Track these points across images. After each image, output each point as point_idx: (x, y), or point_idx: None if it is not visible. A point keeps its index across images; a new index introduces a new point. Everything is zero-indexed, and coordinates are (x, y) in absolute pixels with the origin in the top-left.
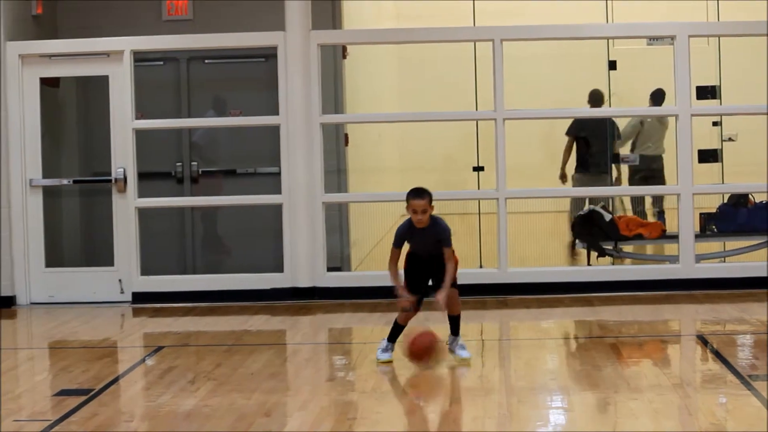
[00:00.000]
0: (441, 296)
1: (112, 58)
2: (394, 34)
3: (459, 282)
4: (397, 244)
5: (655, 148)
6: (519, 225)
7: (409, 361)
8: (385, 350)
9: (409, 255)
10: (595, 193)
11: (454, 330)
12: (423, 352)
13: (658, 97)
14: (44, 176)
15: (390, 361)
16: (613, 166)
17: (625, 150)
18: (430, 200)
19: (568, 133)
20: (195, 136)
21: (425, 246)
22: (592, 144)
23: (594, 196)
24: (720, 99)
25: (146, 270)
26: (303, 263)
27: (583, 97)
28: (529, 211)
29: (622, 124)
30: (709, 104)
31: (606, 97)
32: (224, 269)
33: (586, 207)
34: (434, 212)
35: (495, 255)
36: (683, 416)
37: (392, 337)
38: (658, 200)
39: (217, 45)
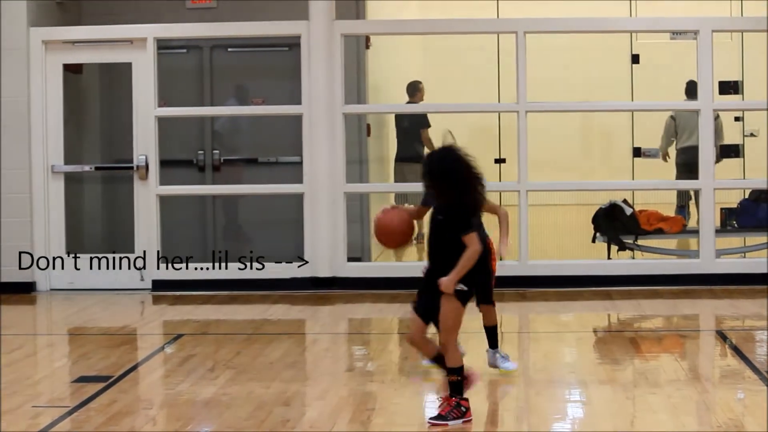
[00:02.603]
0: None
1: (136, 45)
2: (418, 25)
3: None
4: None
5: (691, 139)
6: (540, 217)
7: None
8: None
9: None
10: (616, 186)
11: (492, 343)
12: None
13: (692, 89)
14: (66, 162)
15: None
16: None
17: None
18: None
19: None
20: (217, 125)
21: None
22: (409, 135)
23: (613, 190)
24: (742, 94)
25: (167, 257)
26: (323, 253)
27: (606, 90)
28: (551, 204)
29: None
30: (731, 99)
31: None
32: (245, 258)
33: (608, 201)
34: None
35: (515, 247)
36: (701, 411)
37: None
38: (686, 194)
39: (241, 33)
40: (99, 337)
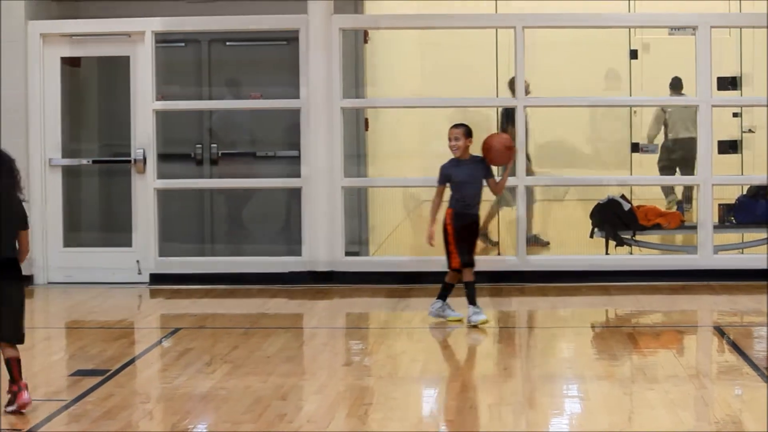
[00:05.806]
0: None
1: (134, 38)
2: (416, 20)
3: (477, 269)
4: (441, 181)
5: (684, 130)
6: (538, 212)
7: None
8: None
9: (455, 214)
10: (615, 182)
11: (471, 299)
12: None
13: (676, 84)
14: (64, 156)
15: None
16: None
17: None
18: (467, 133)
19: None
20: (215, 119)
21: (470, 182)
22: None
23: (611, 185)
24: (741, 90)
25: (164, 251)
26: (321, 247)
27: (604, 85)
28: (550, 199)
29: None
30: (729, 95)
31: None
32: (242, 252)
33: (606, 196)
34: None
35: (514, 242)
36: (699, 407)
37: (443, 296)
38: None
39: (239, 27)
40: (96, 330)
